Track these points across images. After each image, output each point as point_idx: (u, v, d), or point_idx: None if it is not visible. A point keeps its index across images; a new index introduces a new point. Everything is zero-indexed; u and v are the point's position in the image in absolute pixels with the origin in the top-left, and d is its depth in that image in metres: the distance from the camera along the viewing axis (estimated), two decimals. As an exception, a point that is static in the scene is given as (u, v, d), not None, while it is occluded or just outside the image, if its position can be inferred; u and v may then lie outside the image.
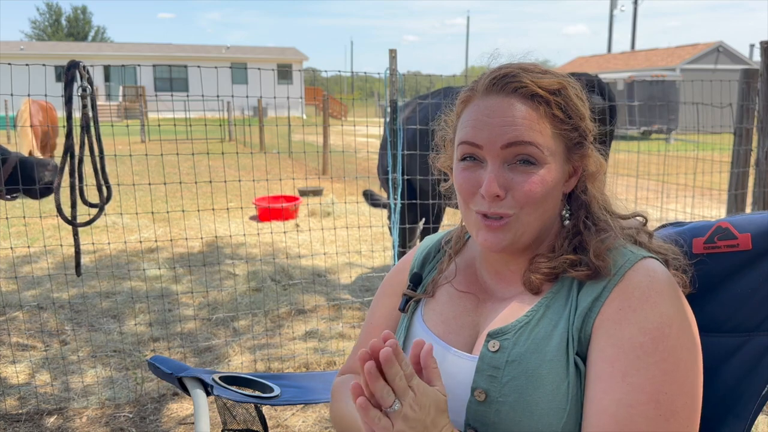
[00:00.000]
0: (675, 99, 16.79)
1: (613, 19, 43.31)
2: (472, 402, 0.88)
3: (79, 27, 60.01)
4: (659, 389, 0.79)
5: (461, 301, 1.00)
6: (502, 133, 0.87)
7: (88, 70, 2.42)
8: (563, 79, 0.91)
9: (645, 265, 0.87)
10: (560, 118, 0.89)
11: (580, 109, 0.92)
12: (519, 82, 0.88)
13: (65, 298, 4.14)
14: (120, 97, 26.83)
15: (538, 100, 0.88)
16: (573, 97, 0.91)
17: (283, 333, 3.63)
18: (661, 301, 0.83)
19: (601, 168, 0.96)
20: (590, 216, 0.95)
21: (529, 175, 0.88)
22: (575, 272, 0.89)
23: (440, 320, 1.00)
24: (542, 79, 0.89)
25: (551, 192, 0.90)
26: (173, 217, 6.57)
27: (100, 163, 2.54)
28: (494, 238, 0.90)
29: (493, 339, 0.89)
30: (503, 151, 0.88)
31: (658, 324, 0.81)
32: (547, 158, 0.88)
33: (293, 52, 36.25)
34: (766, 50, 3.11)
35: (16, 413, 2.73)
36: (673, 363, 0.80)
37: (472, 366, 0.90)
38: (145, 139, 12.99)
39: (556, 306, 0.89)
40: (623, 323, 0.83)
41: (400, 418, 0.73)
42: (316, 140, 13.71)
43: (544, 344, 0.86)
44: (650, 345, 0.81)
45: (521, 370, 0.85)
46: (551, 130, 0.89)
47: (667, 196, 6.13)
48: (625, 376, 0.80)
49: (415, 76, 6.95)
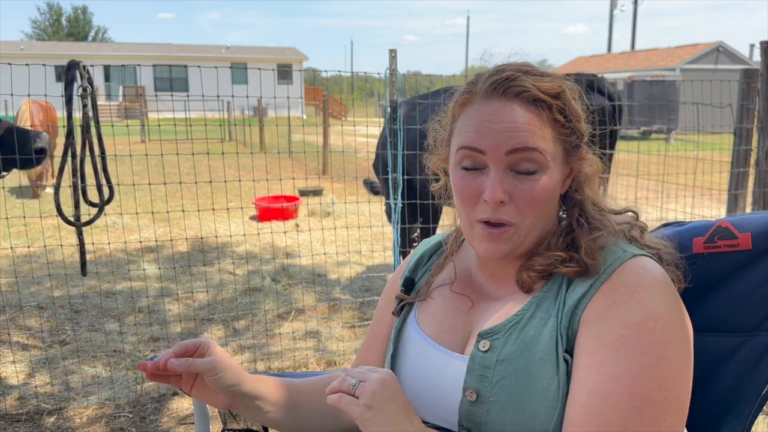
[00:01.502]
0: (675, 99, 16.80)
1: (613, 19, 43.36)
2: (463, 402, 0.88)
3: (79, 27, 60.04)
4: (635, 381, 0.78)
5: (455, 302, 1.00)
6: (506, 139, 0.86)
7: (88, 70, 2.42)
8: (562, 82, 0.91)
9: (635, 262, 0.86)
10: (561, 122, 0.89)
11: (578, 111, 0.92)
12: (521, 86, 0.87)
13: (65, 298, 4.14)
14: (120, 97, 26.84)
15: (541, 105, 0.87)
16: (571, 100, 0.91)
17: (282, 333, 3.63)
18: (649, 297, 0.82)
19: (597, 169, 0.95)
20: (584, 214, 0.94)
21: (532, 182, 0.87)
22: (564, 268, 0.88)
23: (433, 322, 1.00)
24: (543, 82, 0.88)
25: (552, 197, 0.90)
26: (173, 217, 6.57)
27: (102, 163, 2.54)
28: (495, 247, 0.90)
29: (483, 339, 0.89)
30: (507, 157, 0.86)
31: (642, 318, 0.81)
32: (550, 163, 0.88)
33: (293, 52, 36.25)
34: (766, 50, 3.11)
35: (16, 413, 2.73)
36: (654, 357, 0.79)
37: (461, 365, 0.90)
38: (145, 139, 12.98)
39: (546, 304, 0.89)
40: (606, 317, 0.82)
41: (361, 389, 0.82)
42: (316, 140, 13.71)
43: (534, 343, 0.86)
44: (631, 337, 0.80)
45: (511, 370, 0.85)
46: (552, 135, 0.88)
47: (667, 196, 6.13)
48: (601, 367, 0.80)
49: (415, 76, 6.96)
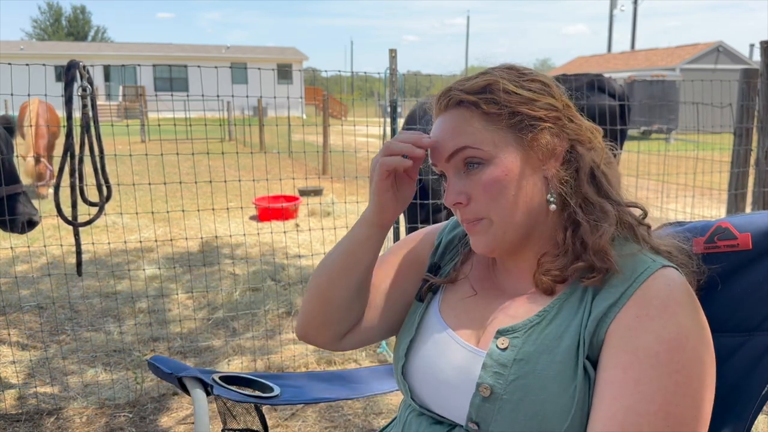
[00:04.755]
0: (675, 99, 16.78)
1: (613, 19, 43.33)
2: (476, 397, 0.88)
3: (78, 27, 60.02)
4: (670, 400, 0.78)
5: (474, 297, 1.01)
6: (443, 146, 0.93)
7: (88, 70, 2.42)
8: (492, 77, 0.93)
9: (665, 273, 0.86)
10: (494, 112, 0.90)
11: (521, 95, 0.91)
12: (448, 97, 0.94)
13: (65, 298, 4.14)
14: (120, 96, 26.81)
15: (466, 105, 0.92)
16: (505, 89, 0.91)
17: (283, 333, 3.63)
18: (680, 311, 0.82)
19: (583, 139, 0.93)
20: (578, 208, 0.92)
21: (480, 175, 0.91)
22: (588, 281, 0.87)
23: (454, 313, 1.00)
24: (468, 84, 0.93)
25: (512, 183, 0.90)
26: (173, 216, 6.57)
27: (100, 163, 2.55)
28: (479, 241, 0.95)
29: (502, 336, 0.89)
30: (450, 163, 0.94)
31: (675, 335, 0.80)
32: (491, 152, 0.90)
33: (293, 52, 36.24)
34: (766, 50, 3.11)
35: (16, 413, 2.72)
36: (687, 376, 0.79)
37: (478, 360, 0.90)
38: (145, 138, 12.97)
39: (569, 307, 0.88)
40: (640, 331, 0.81)
41: None
42: (316, 140, 13.70)
43: (555, 345, 0.85)
44: (666, 355, 0.80)
45: (528, 370, 0.85)
46: (485, 126, 0.91)
47: (667, 196, 6.13)
48: (637, 384, 0.79)
49: (415, 76, 6.96)
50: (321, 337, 1.10)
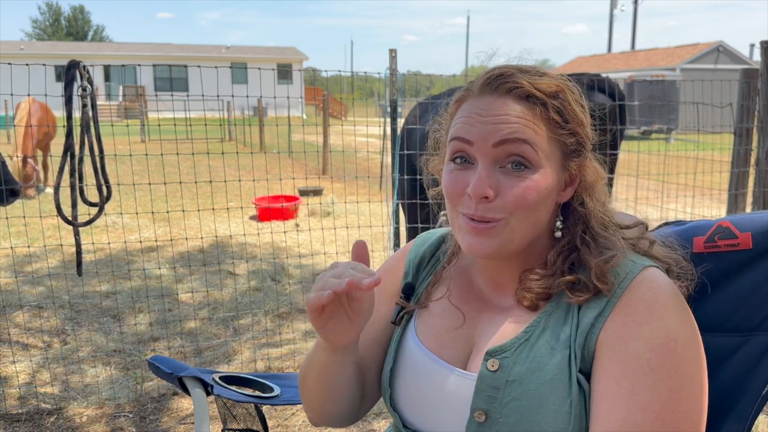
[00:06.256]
0: (675, 99, 16.78)
1: (613, 19, 43.32)
2: (471, 422, 0.86)
3: (78, 26, 60.03)
4: (666, 407, 0.78)
5: (455, 313, 0.97)
6: (495, 130, 0.84)
7: (88, 70, 2.42)
8: (562, 83, 0.88)
9: (647, 276, 0.85)
10: (557, 121, 0.86)
11: (579, 116, 0.89)
12: (515, 83, 0.85)
13: (65, 297, 4.14)
14: (120, 96, 26.85)
15: (534, 102, 0.85)
16: (572, 102, 0.88)
17: (283, 333, 3.63)
18: (666, 314, 0.81)
19: (600, 179, 0.92)
20: (588, 231, 0.90)
21: (521, 179, 0.84)
22: (575, 298, 0.85)
23: (433, 333, 0.97)
24: (540, 80, 0.86)
25: (545, 200, 0.86)
26: (173, 216, 6.57)
27: (100, 163, 2.55)
28: (479, 243, 0.86)
29: (492, 357, 0.86)
30: (495, 150, 0.84)
31: (664, 339, 0.80)
32: (542, 161, 0.84)
33: (293, 52, 36.25)
34: (766, 50, 3.11)
35: (16, 413, 2.72)
36: (680, 380, 0.79)
37: (468, 384, 0.88)
38: (145, 138, 12.98)
39: (555, 321, 0.86)
40: (629, 339, 0.81)
41: None
42: (316, 140, 13.70)
43: (545, 362, 0.83)
44: (657, 361, 0.79)
45: (522, 391, 0.83)
46: (547, 133, 0.85)
47: (668, 196, 6.13)
48: (631, 395, 0.78)
49: (415, 76, 6.97)
50: (340, 423, 1.06)
